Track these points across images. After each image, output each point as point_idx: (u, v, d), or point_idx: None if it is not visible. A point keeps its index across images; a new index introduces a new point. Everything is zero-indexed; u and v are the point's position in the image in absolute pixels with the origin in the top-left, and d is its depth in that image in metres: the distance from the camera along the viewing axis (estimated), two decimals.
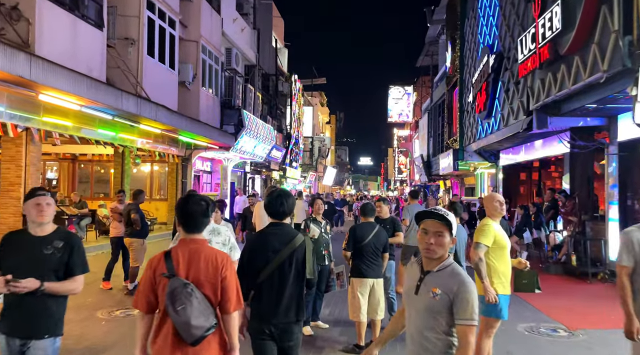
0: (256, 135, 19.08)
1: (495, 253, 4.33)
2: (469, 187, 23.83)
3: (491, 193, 4.49)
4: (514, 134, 11.49)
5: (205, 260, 2.49)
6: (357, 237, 5.34)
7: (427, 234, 2.34)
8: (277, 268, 3.08)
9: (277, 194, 3.30)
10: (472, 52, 15.97)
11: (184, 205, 2.63)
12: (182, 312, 2.32)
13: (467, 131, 17.11)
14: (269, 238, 3.17)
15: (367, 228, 5.43)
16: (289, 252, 3.10)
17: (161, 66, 13.10)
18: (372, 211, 5.57)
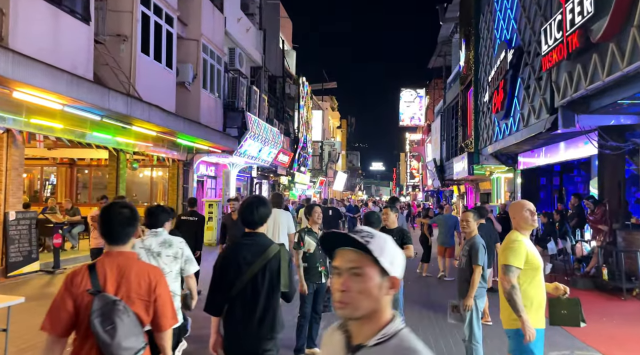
0: (261, 139, 18.31)
1: (526, 275, 3.45)
2: (485, 193, 22.81)
3: (520, 200, 3.54)
4: (535, 135, 10.56)
5: (136, 275, 2.33)
6: None
7: (339, 276, 1.38)
8: (249, 281, 2.92)
9: (248, 202, 3.10)
10: (488, 49, 15.05)
11: (104, 213, 2.42)
12: (111, 332, 2.14)
13: (482, 133, 16.16)
14: (242, 249, 3.00)
15: None
16: (262, 263, 2.94)
17: (157, 65, 12.39)
18: (377, 221, 4.71)
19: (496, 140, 14.21)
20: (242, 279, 2.91)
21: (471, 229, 4.88)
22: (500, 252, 3.52)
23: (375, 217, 4.74)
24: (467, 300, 4.58)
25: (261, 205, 3.12)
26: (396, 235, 5.56)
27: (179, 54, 14.59)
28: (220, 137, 15.09)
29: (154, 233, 3.78)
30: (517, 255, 3.34)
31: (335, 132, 57.19)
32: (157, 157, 14.84)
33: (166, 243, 3.78)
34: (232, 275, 2.93)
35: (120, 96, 9.47)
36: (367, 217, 4.78)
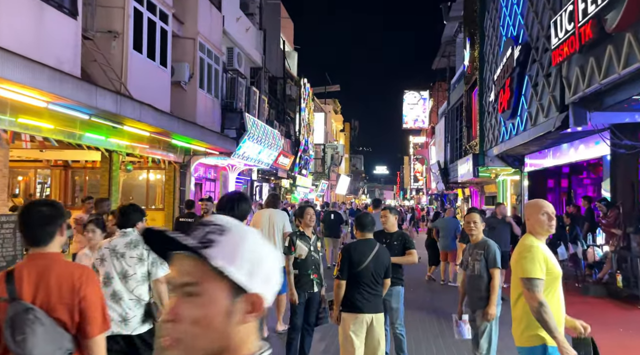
0: (260, 140, 17.89)
1: (544, 285, 2.98)
2: (490, 196, 22.29)
3: (537, 200, 3.03)
4: (543, 134, 10.08)
5: (57, 278, 2.16)
6: (354, 261, 4.03)
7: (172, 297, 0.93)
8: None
9: (229, 197, 2.97)
10: (494, 47, 14.58)
11: (22, 213, 2.29)
12: (22, 343, 2.00)
13: (488, 134, 15.68)
14: None
15: (365, 248, 4.12)
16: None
17: (150, 63, 11.98)
18: (370, 225, 4.25)
19: (502, 141, 13.72)
20: None
21: (479, 231, 4.41)
22: (514, 262, 3.05)
23: (369, 219, 4.27)
24: (489, 309, 4.12)
25: (242, 201, 2.98)
26: (397, 239, 5.09)
27: (175, 53, 14.18)
28: (217, 138, 14.67)
29: (123, 233, 3.64)
30: (537, 265, 2.87)
31: (339, 136, 56.77)
32: (153, 159, 14.45)
33: (132, 243, 3.59)
34: None
35: (108, 94, 9.05)
36: (359, 219, 4.31)
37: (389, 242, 5.05)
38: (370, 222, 4.23)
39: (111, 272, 3.50)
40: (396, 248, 5.03)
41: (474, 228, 4.41)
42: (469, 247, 4.48)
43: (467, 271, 4.39)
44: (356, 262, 4.01)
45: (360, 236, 4.24)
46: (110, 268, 3.51)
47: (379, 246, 4.18)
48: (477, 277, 4.23)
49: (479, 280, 4.22)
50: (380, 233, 5.21)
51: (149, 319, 3.59)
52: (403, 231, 5.21)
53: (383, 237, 5.12)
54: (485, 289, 4.19)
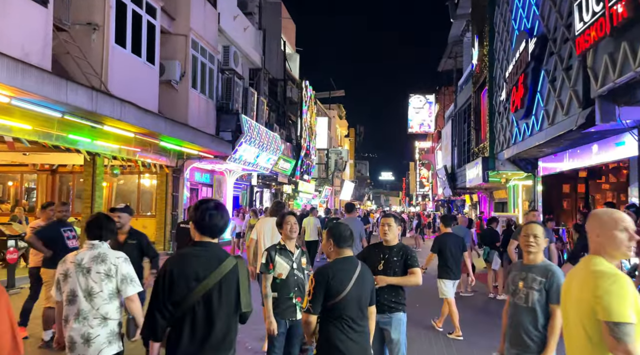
0: (258, 144, 17.01)
1: None
2: (499, 202, 21.29)
3: (610, 211, 2.06)
4: (562, 134, 9.13)
5: None
6: (331, 288, 3.05)
7: None
8: (201, 299, 2.42)
9: (214, 204, 2.61)
10: (505, 43, 13.66)
11: None
12: None
13: (498, 136, 14.73)
14: (191, 262, 2.50)
15: (345, 270, 3.14)
16: (217, 279, 2.45)
17: (135, 59, 11.15)
18: (349, 238, 3.28)
19: (514, 143, 12.77)
20: (192, 298, 2.42)
21: (540, 249, 3.38)
22: (580, 291, 2.13)
23: (347, 230, 3.28)
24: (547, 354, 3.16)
25: (225, 210, 2.65)
26: (397, 255, 4.16)
27: (166, 50, 13.38)
28: (211, 141, 13.80)
29: (91, 246, 3.32)
30: (628, 304, 1.97)
31: (343, 141, 55.91)
32: (142, 162, 13.61)
33: (99, 258, 3.26)
34: (179, 292, 2.42)
35: (82, 89, 8.20)
36: (334, 230, 3.30)
37: (387, 258, 4.12)
38: (349, 235, 3.27)
39: (76, 289, 3.19)
40: (396, 265, 4.09)
41: (533, 244, 3.36)
42: (520, 268, 3.45)
43: (515, 299, 3.38)
44: (334, 290, 3.02)
45: (337, 254, 3.23)
46: (75, 285, 3.20)
47: (361, 266, 3.20)
48: (530, 310, 3.25)
49: (531, 315, 3.24)
50: (377, 246, 4.29)
51: (116, 340, 3.25)
52: (405, 245, 4.27)
53: (380, 251, 4.20)
54: (538, 327, 3.21)
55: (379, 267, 4.11)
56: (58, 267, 3.33)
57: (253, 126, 16.77)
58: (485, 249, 10.01)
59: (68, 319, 3.19)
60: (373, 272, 3.63)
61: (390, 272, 4.08)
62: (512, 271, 3.56)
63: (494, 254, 9.80)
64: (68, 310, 3.21)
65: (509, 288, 3.52)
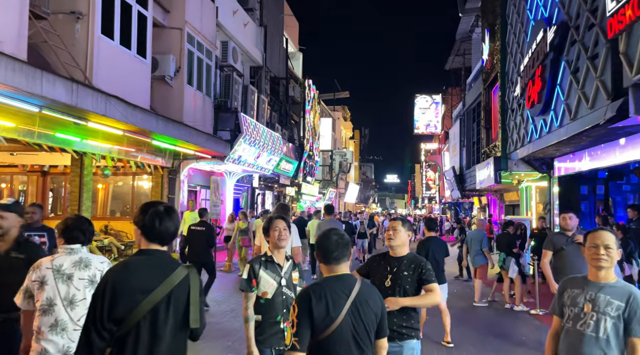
0: (258, 143, 16.27)
1: None
2: (510, 204, 20.44)
3: None
4: (587, 129, 8.33)
5: None
6: (316, 318, 2.29)
7: None
8: (148, 315, 2.14)
9: (165, 207, 2.34)
10: (519, 36, 12.87)
11: None
12: None
13: (511, 134, 13.91)
14: (137, 272, 2.20)
15: (335, 292, 2.37)
16: (166, 291, 2.18)
17: (125, 52, 10.45)
18: (339, 249, 2.49)
19: (530, 141, 11.95)
20: (137, 313, 2.11)
21: (612, 262, 2.67)
22: None
23: (333, 242, 2.47)
24: None
25: (177, 215, 2.36)
26: (407, 268, 3.38)
27: (160, 44, 12.69)
28: (207, 140, 13.07)
29: (69, 250, 3.10)
30: None
31: (348, 143, 55.20)
32: (135, 163, 12.90)
33: (82, 263, 3.08)
34: (122, 308, 2.11)
35: (59, 80, 7.49)
36: (320, 243, 2.48)
37: (396, 272, 3.36)
38: (341, 245, 2.47)
39: (54, 298, 2.96)
40: (407, 281, 3.33)
41: (605, 258, 2.64)
42: (586, 286, 2.69)
43: (578, 325, 2.63)
44: (321, 320, 2.29)
45: (326, 271, 2.48)
46: (54, 292, 2.97)
47: (361, 287, 2.43)
48: (602, 342, 2.51)
49: (603, 348, 2.50)
50: (382, 258, 3.52)
51: None
52: (417, 256, 3.47)
53: (386, 263, 3.43)
54: None
55: (386, 283, 3.36)
56: (30, 273, 3.06)
57: (253, 125, 16.04)
58: (501, 255, 9.22)
59: (41, 330, 2.95)
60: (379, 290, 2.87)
61: (400, 291, 3.31)
62: (569, 288, 2.79)
63: (510, 261, 9.01)
64: (42, 321, 2.95)
65: (563, 309, 2.77)
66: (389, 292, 3.29)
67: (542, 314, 8.41)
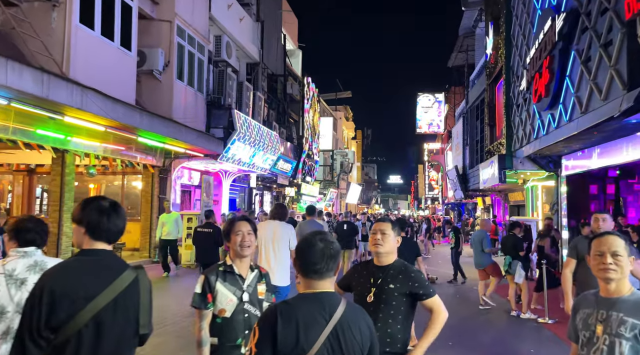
0: (253, 142, 15.69)
1: None
2: (515, 205, 19.79)
3: None
4: (598, 123, 7.71)
5: None
6: (281, 349, 1.69)
7: None
8: (90, 322, 1.94)
9: (110, 203, 2.12)
10: (524, 27, 12.25)
11: None
12: None
13: (517, 131, 13.29)
14: (79, 276, 1.99)
15: (310, 315, 1.77)
16: (112, 296, 1.99)
17: (107, 43, 9.89)
18: (329, 261, 1.90)
19: (536, 137, 11.33)
20: (78, 321, 1.91)
21: (625, 273, 2.18)
22: None
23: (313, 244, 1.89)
24: None
25: (124, 211, 2.18)
26: (394, 279, 2.76)
27: (149, 37, 12.14)
28: (198, 137, 12.50)
29: (22, 253, 2.77)
30: None
31: (350, 143, 54.59)
32: (123, 161, 12.35)
33: (37, 266, 2.75)
34: (61, 315, 1.90)
35: (27, 70, 6.92)
36: (299, 251, 1.90)
37: (381, 285, 2.76)
38: (326, 257, 1.88)
39: (6, 305, 2.70)
40: (393, 296, 2.72)
41: (613, 267, 2.16)
42: (597, 304, 2.22)
43: (592, 351, 2.12)
44: (289, 351, 1.72)
45: (305, 287, 1.90)
46: (6, 299, 2.71)
47: (345, 309, 1.83)
48: None
49: None
50: (365, 267, 2.91)
51: None
52: (406, 263, 2.85)
53: (369, 274, 2.82)
54: None
55: (368, 298, 2.75)
56: None
57: (248, 123, 15.45)
58: (507, 258, 8.59)
59: None
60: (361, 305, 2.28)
61: (387, 309, 2.70)
62: (582, 307, 2.29)
63: (517, 265, 8.38)
64: None
65: (578, 333, 2.26)
66: (370, 309, 2.67)
67: (551, 323, 7.79)
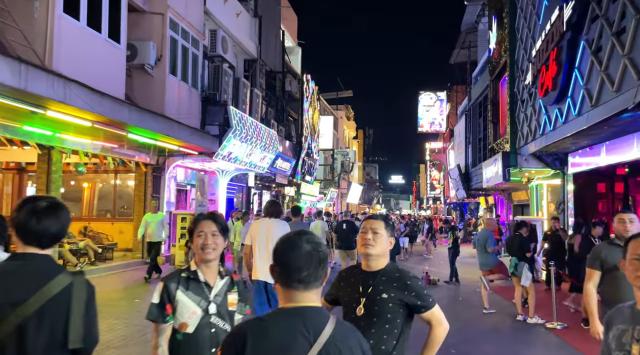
0: (250, 139, 15.26)
1: None
2: (519, 204, 19.32)
3: None
4: (610, 117, 7.28)
5: None
6: None
7: None
8: (14, 332, 1.77)
9: (45, 204, 1.91)
10: (530, 19, 11.81)
11: None
12: None
13: (521, 128, 12.84)
14: (4, 280, 1.83)
15: (291, 335, 1.36)
16: (39, 304, 1.82)
17: (93, 35, 9.47)
18: (317, 266, 1.48)
19: (542, 133, 10.89)
20: (2, 328, 1.76)
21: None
22: None
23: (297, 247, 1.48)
24: None
25: (64, 212, 1.95)
26: (387, 287, 2.33)
27: (140, 31, 11.74)
28: (191, 134, 12.07)
29: None
30: None
31: (351, 143, 54.15)
32: (113, 159, 11.94)
33: None
34: None
35: (4, 60, 6.51)
36: (276, 256, 1.49)
37: (372, 293, 2.32)
38: (314, 261, 1.47)
39: None
40: (387, 307, 2.28)
41: None
42: (632, 318, 1.85)
43: None
44: None
45: (286, 299, 1.47)
46: None
47: (334, 329, 1.42)
48: None
49: None
50: (352, 273, 2.47)
51: None
52: (399, 268, 2.41)
53: (357, 281, 2.38)
54: None
55: (357, 311, 2.32)
56: None
57: (244, 120, 15.03)
58: (513, 259, 8.15)
59: None
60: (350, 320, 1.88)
61: (380, 323, 2.27)
62: (615, 323, 1.90)
63: (523, 267, 7.94)
64: None
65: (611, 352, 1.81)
66: (361, 323, 2.24)
67: (560, 328, 7.35)
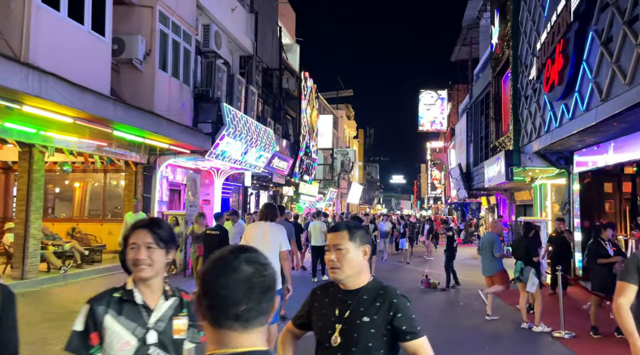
0: (244, 138, 14.80)
1: None
2: (522, 205, 18.83)
3: None
4: (621, 111, 6.81)
5: None
6: None
7: None
8: None
9: None
10: (534, 12, 11.33)
11: None
12: None
13: (525, 125, 12.37)
14: None
15: None
16: None
17: (75, 27, 9.01)
18: (259, 298, 1.02)
19: (547, 131, 10.42)
20: None
21: None
22: None
23: (226, 274, 1.02)
24: None
25: None
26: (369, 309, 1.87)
27: (127, 24, 11.28)
28: (181, 131, 11.61)
29: None
30: None
31: (352, 142, 53.66)
32: (100, 158, 11.49)
33: None
34: None
35: None
36: (202, 271, 1.05)
37: (350, 318, 1.87)
38: (255, 291, 1.01)
39: None
40: (369, 334, 1.82)
41: None
42: None
43: None
44: None
45: (215, 343, 0.99)
46: None
47: None
48: None
49: None
50: (327, 292, 2.01)
51: None
52: (384, 285, 1.94)
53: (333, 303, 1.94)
54: None
55: (333, 340, 1.85)
56: None
57: (238, 118, 14.56)
58: (518, 263, 7.68)
59: None
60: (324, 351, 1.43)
61: (357, 351, 1.81)
62: None
63: (529, 271, 7.46)
64: None
65: None
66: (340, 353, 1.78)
67: (568, 338, 6.88)
